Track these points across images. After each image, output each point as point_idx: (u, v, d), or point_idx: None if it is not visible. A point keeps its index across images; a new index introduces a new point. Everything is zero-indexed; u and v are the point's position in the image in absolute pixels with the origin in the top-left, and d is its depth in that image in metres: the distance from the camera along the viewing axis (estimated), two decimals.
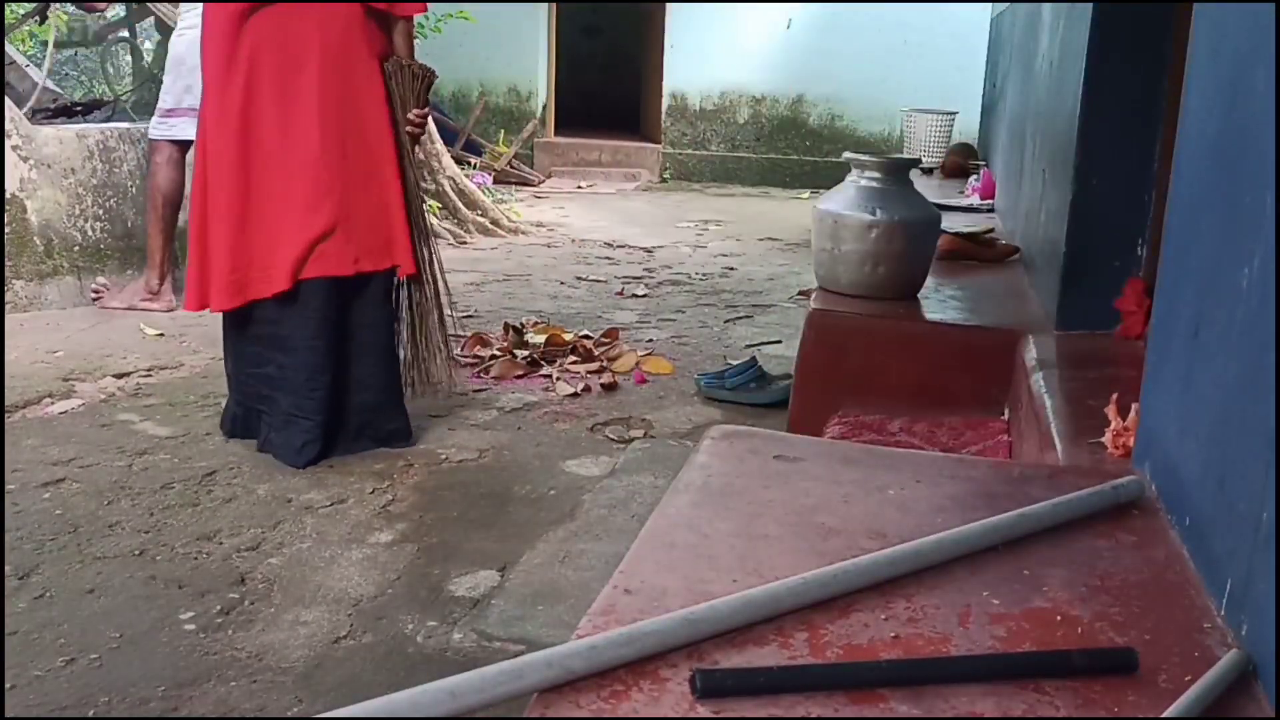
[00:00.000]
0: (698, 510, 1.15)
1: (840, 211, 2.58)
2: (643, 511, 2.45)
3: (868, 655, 0.88)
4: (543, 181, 8.42)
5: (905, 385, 2.45)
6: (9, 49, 4.55)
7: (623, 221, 6.78)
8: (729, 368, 3.50)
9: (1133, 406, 1.52)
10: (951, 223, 3.22)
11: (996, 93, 5.55)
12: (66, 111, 4.63)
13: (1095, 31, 2.24)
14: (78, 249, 4.10)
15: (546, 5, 8.91)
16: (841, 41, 8.42)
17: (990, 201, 4.56)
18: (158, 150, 4.06)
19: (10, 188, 3.87)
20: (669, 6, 8.71)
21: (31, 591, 2.03)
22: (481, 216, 6.39)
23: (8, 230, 3.85)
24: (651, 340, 4.01)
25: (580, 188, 8.31)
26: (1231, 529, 0.97)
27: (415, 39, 2.85)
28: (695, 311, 4.51)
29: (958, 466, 1.35)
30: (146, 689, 1.75)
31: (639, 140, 9.19)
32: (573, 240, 6.17)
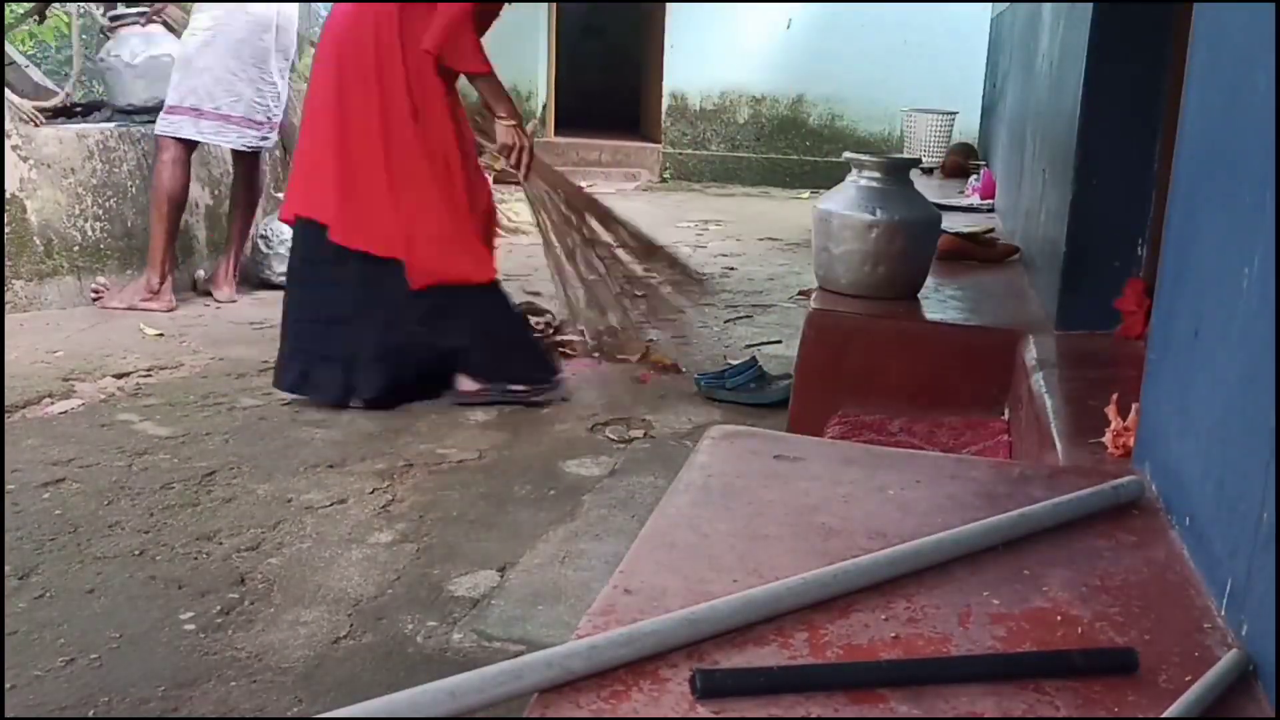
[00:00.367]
0: (698, 510, 1.15)
1: (840, 211, 2.58)
2: (643, 511, 2.45)
3: (868, 655, 0.88)
4: None
5: (905, 385, 2.45)
6: (9, 49, 4.55)
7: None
8: (729, 368, 3.50)
9: (1133, 406, 1.52)
10: (951, 223, 3.22)
11: (996, 93, 5.55)
12: (66, 111, 4.63)
13: (1095, 31, 2.24)
14: (78, 249, 4.10)
15: (546, 5, 8.91)
16: (841, 41, 8.42)
17: (990, 201, 4.56)
18: (163, 148, 4.06)
19: (10, 188, 3.86)
20: (669, 6, 8.71)
21: (31, 591, 2.03)
22: None
23: (8, 230, 3.85)
24: (652, 340, 4.01)
25: (580, 187, 8.31)
26: (1231, 529, 0.97)
27: None
28: (695, 311, 4.51)
29: (958, 466, 1.35)
30: (146, 689, 1.75)
31: (639, 140, 9.18)
32: None
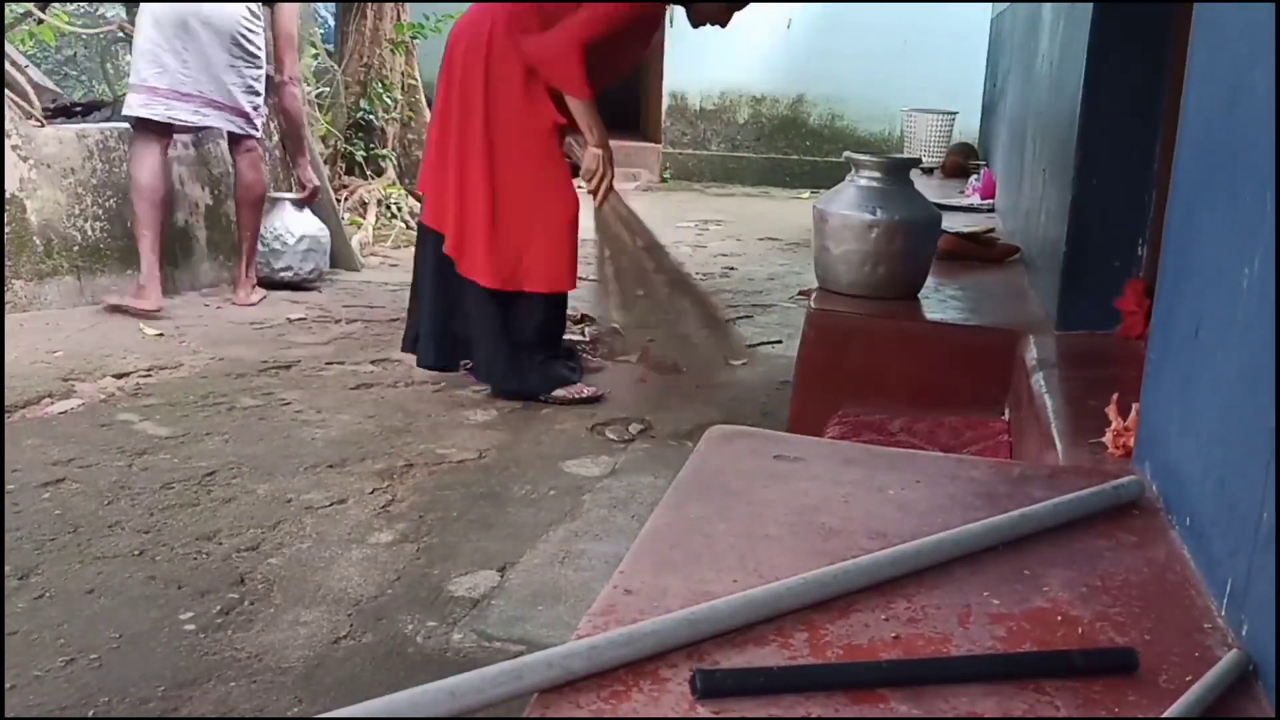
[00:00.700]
0: (698, 510, 1.15)
1: (840, 211, 2.58)
2: (643, 511, 2.45)
3: (868, 655, 0.88)
4: None
5: (905, 385, 2.45)
6: (9, 49, 4.54)
7: None
8: None
9: (1133, 406, 1.52)
10: (951, 223, 3.22)
11: (996, 93, 5.55)
12: (66, 111, 4.63)
13: (1095, 31, 2.24)
14: (77, 249, 4.09)
15: None
16: (841, 41, 8.41)
17: (990, 201, 4.56)
18: (134, 137, 3.99)
19: (10, 188, 3.86)
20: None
21: (31, 591, 2.03)
22: None
23: (8, 230, 3.85)
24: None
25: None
26: (1231, 529, 0.97)
27: (417, 40, 2.91)
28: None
29: (958, 466, 1.35)
30: (146, 689, 1.75)
31: (639, 140, 9.17)
32: None
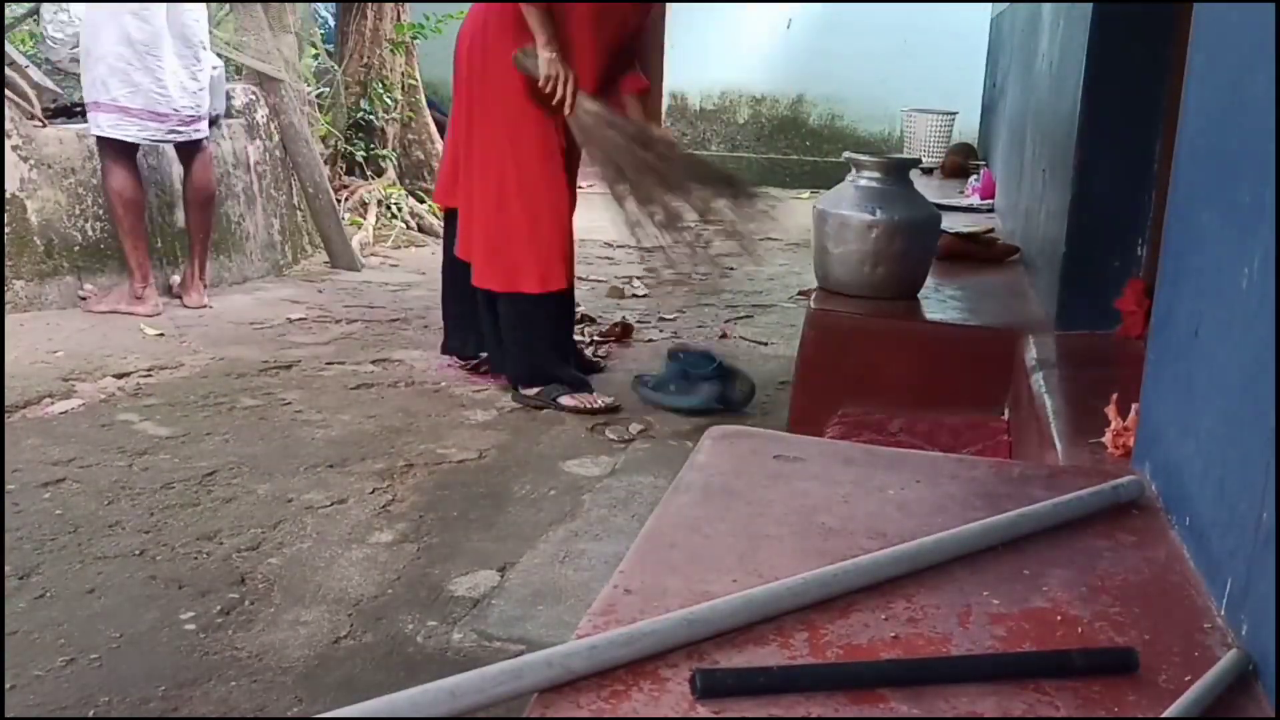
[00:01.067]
0: (698, 510, 1.15)
1: (840, 211, 2.58)
2: (643, 511, 2.45)
3: (868, 655, 0.88)
4: None
5: (905, 385, 2.45)
6: (9, 49, 4.54)
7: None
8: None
9: (1133, 406, 1.52)
10: (951, 223, 3.22)
11: (996, 93, 5.55)
12: (66, 111, 4.62)
13: (1095, 31, 2.24)
14: (78, 249, 4.09)
15: None
16: (841, 41, 8.41)
17: (990, 201, 4.56)
18: (103, 151, 3.97)
19: (10, 188, 3.86)
20: (669, 6, 8.69)
21: (31, 591, 2.03)
22: None
23: (8, 230, 3.85)
24: (651, 340, 4.01)
25: (580, 188, 8.30)
26: (1231, 529, 0.97)
27: (417, 40, 2.88)
28: (695, 312, 4.51)
29: (958, 466, 1.35)
30: (146, 689, 1.75)
31: None
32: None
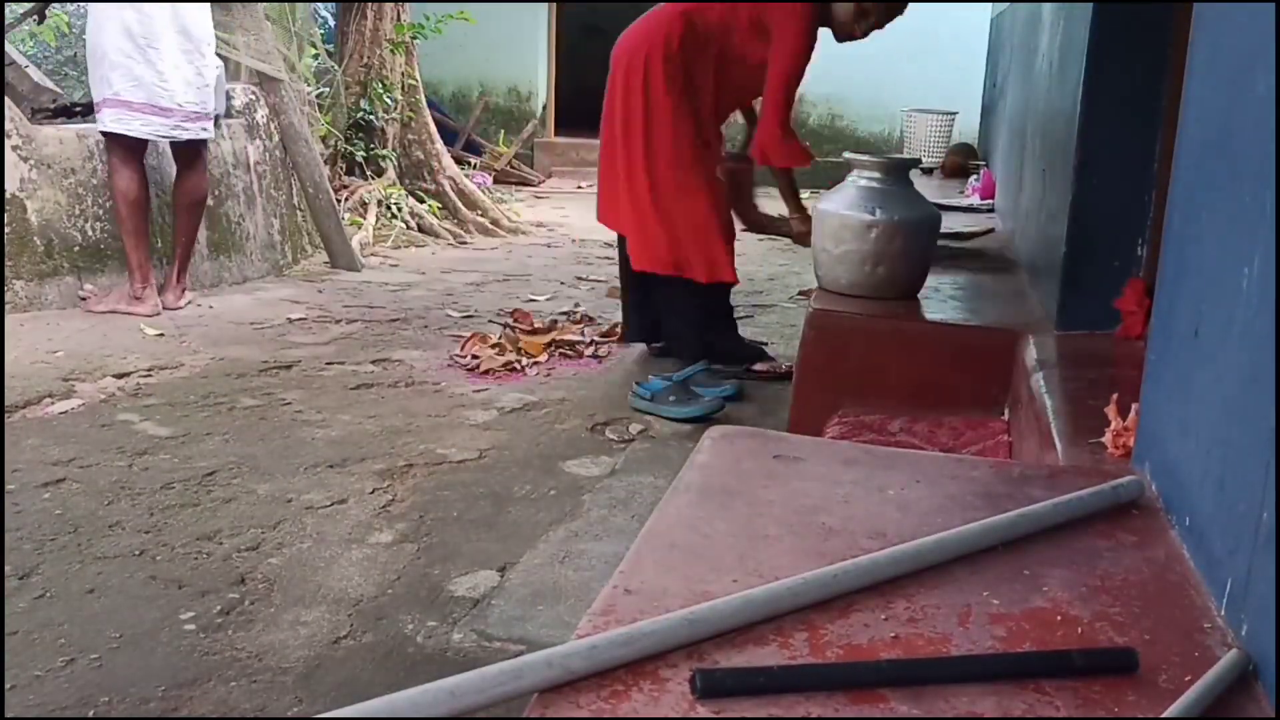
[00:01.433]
0: (698, 510, 1.15)
1: (840, 211, 2.58)
2: (643, 511, 2.45)
3: (868, 655, 0.88)
4: (543, 181, 8.43)
5: (905, 385, 2.45)
6: (9, 49, 4.54)
7: None
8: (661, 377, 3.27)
9: (1133, 406, 1.52)
10: (951, 223, 3.22)
11: (996, 93, 5.55)
12: (66, 111, 4.63)
13: (1095, 31, 2.24)
14: (78, 249, 4.09)
15: (546, 5, 8.92)
16: None
17: (990, 201, 4.56)
18: (109, 149, 3.99)
19: (10, 188, 3.87)
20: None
21: (31, 591, 2.03)
22: (481, 216, 6.39)
23: (8, 230, 3.85)
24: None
25: (580, 188, 8.30)
26: (1231, 529, 0.97)
27: (417, 40, 2.88)
28: None
29: (958, 466, 1.35)
30: (146, 689, 1.75)
31: None
32: (573, 240, 6.17)
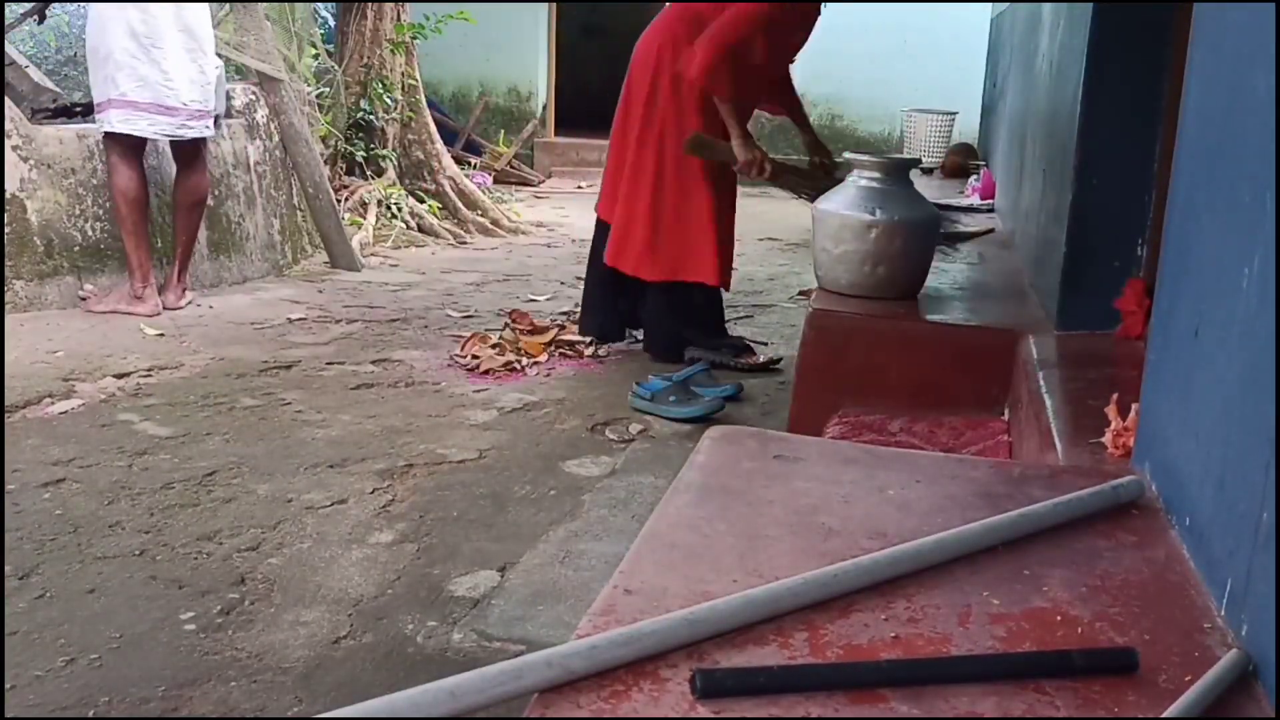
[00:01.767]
0: (698, 510, 1.15)
1: (840, 211, 2.58)
2: (643, 511, 2.45)
3: (868, 655, 0.88)
4: (543, 181, 8.42)
5: (905, 385, 2.45)
6: (9, 49, 4.54)
7: None
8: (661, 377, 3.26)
9: (1133, 406, 1.52)
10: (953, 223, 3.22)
11: (996, 93, 5.55)
12: (66, 111, 4.63)
13: (1095, 31, 2.24)
14: (78, 249, 4.09)
15: (546, 5, 8.92)
16: (841, 41, 8.39)
17: (990, 201, 4.56)
18: (109, 149, 3.97)
19: (10, 188, 3.86)
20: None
21: (31, 591, 2.03)
22: (481, 216, 6.39)
23: (8, 230, 3.85)
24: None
25: (580, 188, 8.30)
26: (1231, 529, 0.97)
27: (417, 40, 2.87)
28: None
29: (958, 466, 1.35)
30: (146, 689, 1.75)
31: None
32: (573, 240, 6.16)
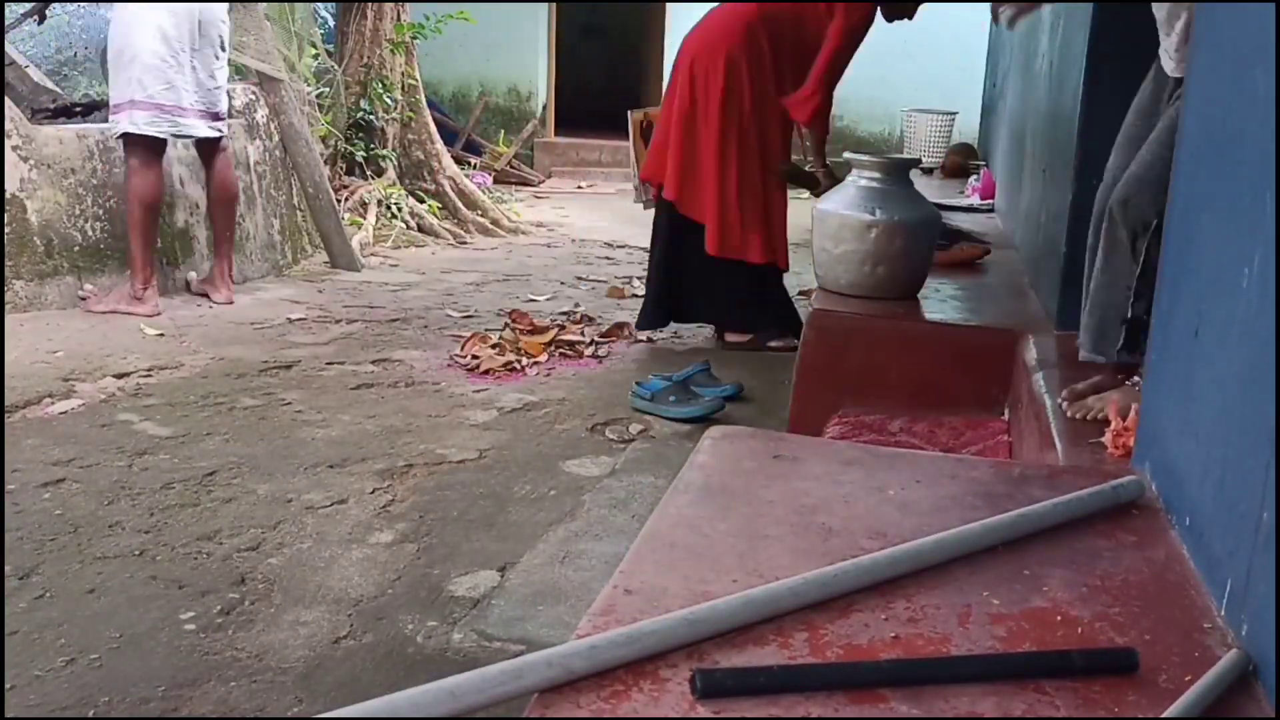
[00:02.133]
0: (698, 510, 1.15)
1: (840, 211, 2.58)
2: (643, 511, 2.45)
3: (868, 655, 0.88)
4: (543, 181, 8.42)
5: (905, 385, 2.45)
6: (9, 49, 4.54)
7: (623, 221, 6.77)
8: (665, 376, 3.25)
9: (1133, 406, 1.52)
10: (949, 223, 3.22)
11: (996, 93, 5.55)
12: (66, 111, 4.63)
13: (1095, 32, 2.24)
14: (78, 249, 4.09)
15: (546, 5, 8.91)
16: None
17: (990, 201, 4.56)
18: (130, 152, 3.97)
19: (10, 188, 3.86)
20: (669, 6, 8.70)
21: (31, 591, 2.03)
22: (481, 216, 6.39)
23: (8, 230, 3.85)
24: (651, 340, 4.01)
25: (580, 188, 8.30)
26: (1231, 529, 0.97)
27: (417, 40, 2.88)
28: None
29: (958, 466, 1.35)
30: (146, 689, 1.75)
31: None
32: (573, 240, 6.17)
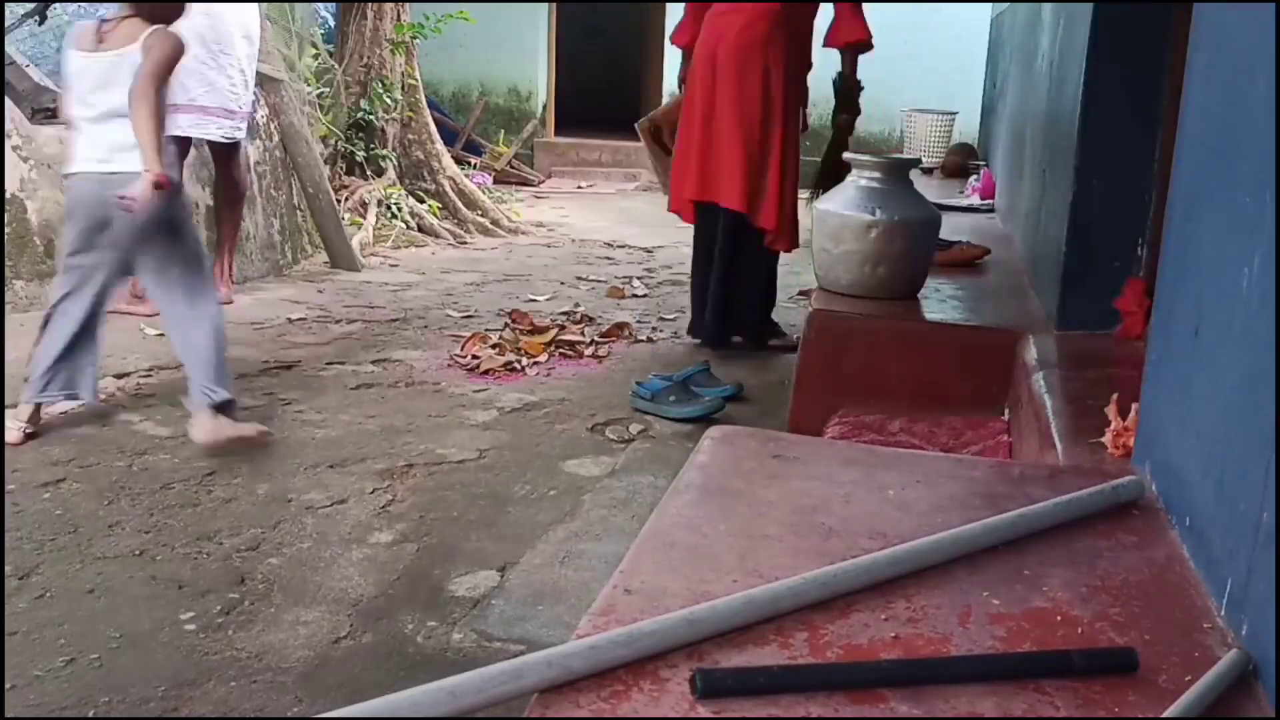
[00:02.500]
0: (698, 510, 1.15)
1: (840, 211, 2.58)
2: (643, 511, 2.45)
3: (868, 655, 0.88)
4: (543, 182, 8.42)
5: (905, 385, 2.45)
6: (9, 49, 4.54)
7: (623, 221, 6.78)
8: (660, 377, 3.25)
9: (1133, 406, 1.52)
10: (949, 223, 3.22)
11: (996, 93, 5.55)
12: None
13: (1095, 31, 2.24)
14: None
15: (546, 5, 8.91)
16: None
17: (990, 201, 4.56)
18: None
19: (10, 188, 3.86)
20: (669, 6, 8.70)
21: (31, 591, 2.03)
22: (481, 216, 6.39)
23: (8, 230, 3.85)
24: (651, 340, 4.01)
25: (580, 188, 8.30)
26: (1231, 529, 0.97)
27: (417, 40, 2.89)
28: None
29: (958, 466, 1.35)
30: (146, 689, 1.75)
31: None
32: (573, 240, 6.17)
